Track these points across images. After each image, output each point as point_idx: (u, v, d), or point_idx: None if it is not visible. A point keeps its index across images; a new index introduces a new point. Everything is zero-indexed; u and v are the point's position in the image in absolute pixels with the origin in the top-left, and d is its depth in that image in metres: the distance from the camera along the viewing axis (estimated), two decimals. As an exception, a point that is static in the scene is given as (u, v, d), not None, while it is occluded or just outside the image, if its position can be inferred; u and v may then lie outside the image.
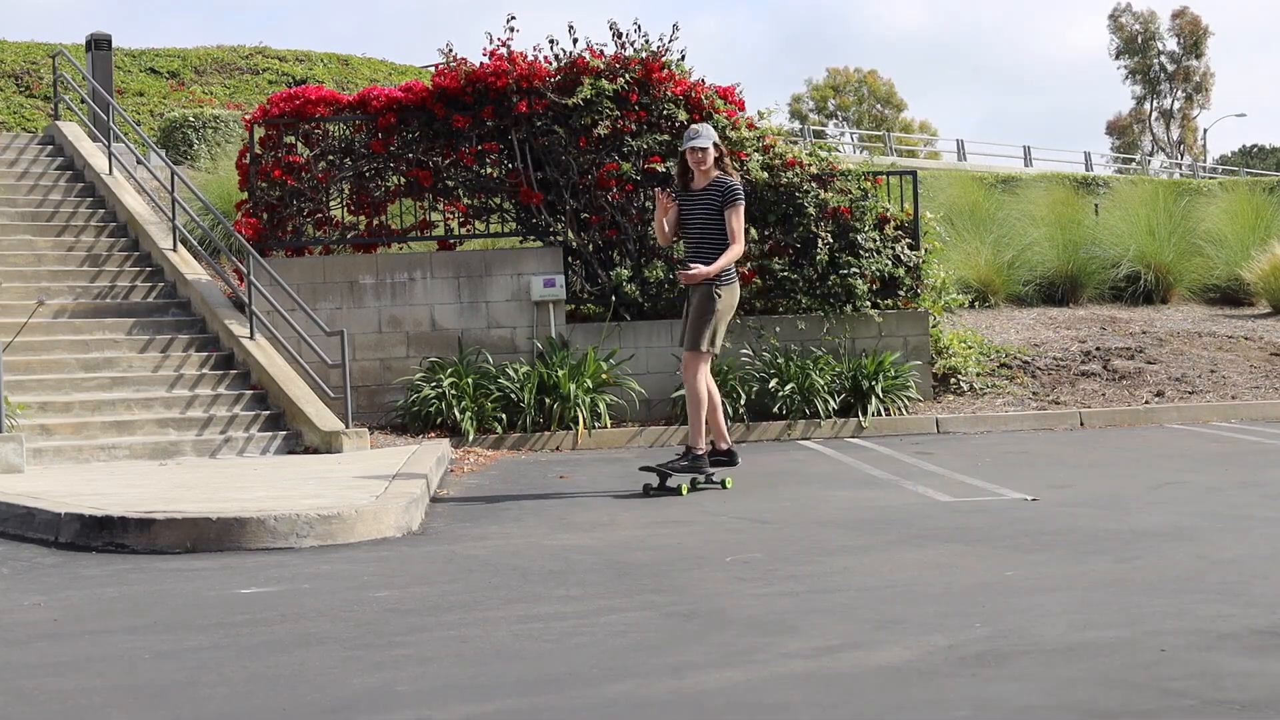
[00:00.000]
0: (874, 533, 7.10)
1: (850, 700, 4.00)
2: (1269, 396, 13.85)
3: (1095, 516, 7.41)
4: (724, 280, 8.82)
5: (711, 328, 8.77)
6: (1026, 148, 52.81)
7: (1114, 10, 79.95)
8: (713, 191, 8.80)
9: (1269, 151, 79.13)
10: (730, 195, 8.74)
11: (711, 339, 8.78)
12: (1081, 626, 4.79)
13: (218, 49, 28.19)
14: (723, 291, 8.80)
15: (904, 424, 12.95)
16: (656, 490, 8.74)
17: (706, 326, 8.76)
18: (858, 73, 77.45)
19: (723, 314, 8.82)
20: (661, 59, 13.69)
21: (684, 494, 8.66)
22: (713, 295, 8.78)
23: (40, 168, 16.32)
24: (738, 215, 8.76)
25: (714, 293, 8.78)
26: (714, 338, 8.80)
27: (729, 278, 8.87)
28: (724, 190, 8.75)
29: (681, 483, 8.80)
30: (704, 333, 8.75)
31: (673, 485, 8.76)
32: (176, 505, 7.63)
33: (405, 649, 4.76)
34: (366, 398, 13.13)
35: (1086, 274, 18.21)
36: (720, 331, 8.84)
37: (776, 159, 13.73)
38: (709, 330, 8.76)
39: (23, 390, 11.44)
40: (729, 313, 8.89)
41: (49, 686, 4.41)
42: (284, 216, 13.70)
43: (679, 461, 8.82)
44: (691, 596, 5.55)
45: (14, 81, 24.67)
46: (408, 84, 14.11)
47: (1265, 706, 3.78)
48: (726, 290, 8.83)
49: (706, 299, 8.78)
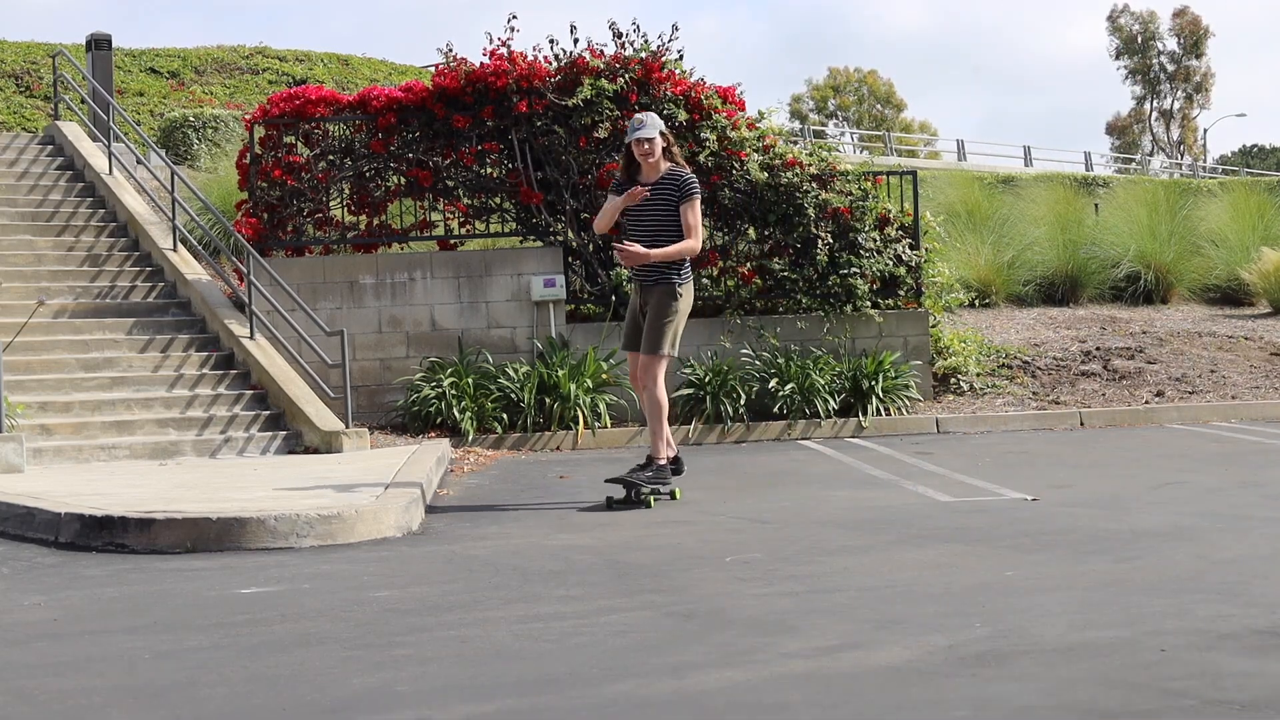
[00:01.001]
0: (874, 533, 7.09)
1: (850, 700, 4.00)
2: (1269, 396, 13.85)
3: (1095, 516, 7.41)
4: (684, 278, 8.31)
5: (673, 329, 8.26)
6: (1026, 148, 52.85)
7: (1111, 11, 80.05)
8: (666, 185, 8.23)
9: (1269, 151, 79.14)
10: (686, 189, 8.18)
11: (673, 341, 8.28)
12: (1081, 626, 4.79)
13: (218, 49, 28.19)
14: (684, 290, 8.30)
15: (904, 424, 12.96)
16: (620, 503, 8.17)
17: (668, 328, 8.23)
18: (858, 73, 77.46)
19: (682, 314, 8.32)
20: (661, 59, 13.70)
21: (651, 505, 8.13)
22: (675, 294, 8.27)
23: (40, 168, 16.33)
24: (694, 209, 8.20)
25: (675, 291, 8.27)
26: (675, 340, 8.30)
27: (687, 275, 8.35)
28: (680, 183, 8.20)
29: (651, 495, 8.23)
30: (665, 335, 8.23)
31: (644, 496, 8.19)
32: (176, 505, 7.63)
33: (405, 649, 4.76)
34: (366, 398, 13.14)
35: (1086, 274, 18.22)
36: (679, 333, 8.35)
37: (776, 159, 13.74)
38: (670, 332, 8.24)
39: (23, 390, 11.44)
40: (686, 314, 8.38)
41: (49, 686, 4.41)
42: (284, 216, 13.71)
43: (643, 472, 8.23)
44: (691, 596, 5.55)
45: (14, 81, 24.67)
46: (408, 84, 14.11)
47: (1265, 706, 3.78)
48: (686, 289, 8.33)
49: (667, 298, 8.25)
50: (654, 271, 8.31)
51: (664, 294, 8.26)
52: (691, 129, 13.68)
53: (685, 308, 8.34)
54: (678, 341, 8.36)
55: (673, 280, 8.28)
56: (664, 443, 8.32)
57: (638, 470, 8.27)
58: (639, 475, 8.21)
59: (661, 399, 8.29)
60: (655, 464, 8.27)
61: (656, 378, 8.27)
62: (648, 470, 8.24)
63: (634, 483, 8.16)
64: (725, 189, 13.66)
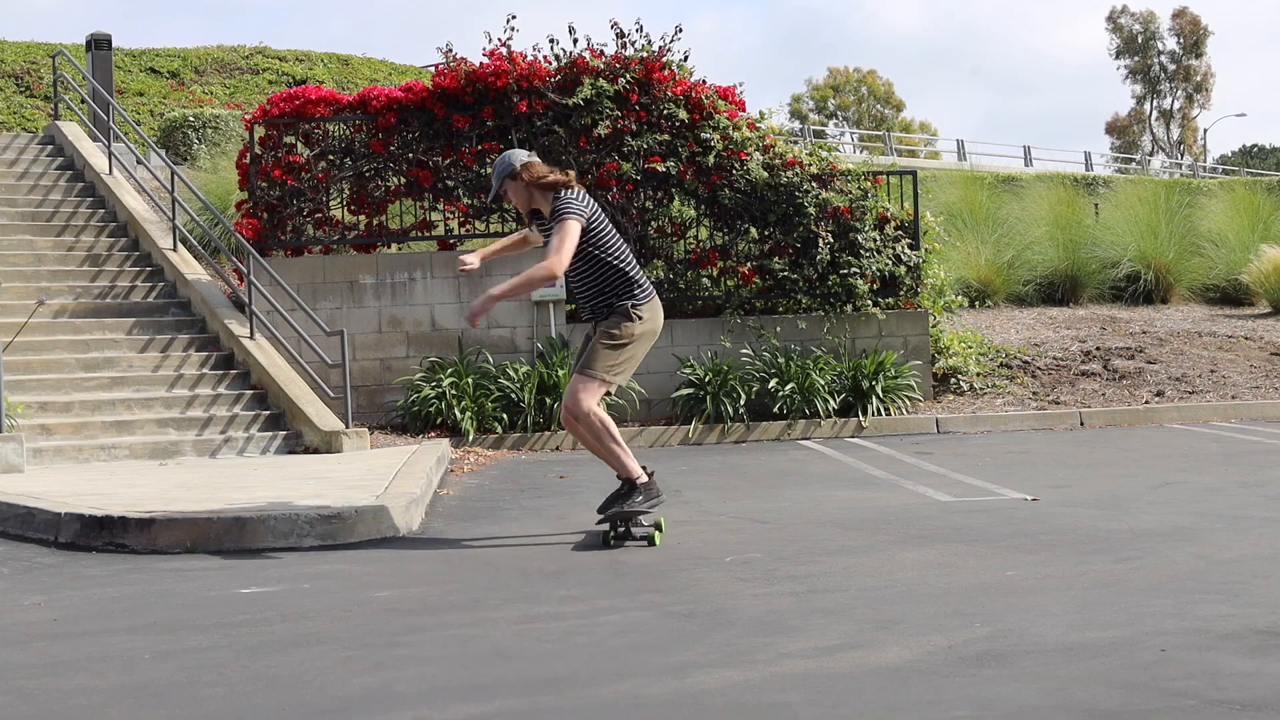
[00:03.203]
0: (874, 533, 7.09)
1: (850, 700, 4.00)
2: (1269, 396, 13.85)
3: (1095, 516, 7.41)
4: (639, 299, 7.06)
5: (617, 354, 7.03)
6: (1026, 147, 52.85)
7: (1112, 11, 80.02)
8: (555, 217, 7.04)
9: (1269, 151, 79.13)
10: (555, 214, 7.00)
11: (613, 367, 7.04)
12: (1081, 626, 4.78)
13: (218, 49, 28.17)
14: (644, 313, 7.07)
15: (904, 424, 12.96)
16: (617, 540, 6.94)
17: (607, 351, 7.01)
18: (857, 73, 77.47)
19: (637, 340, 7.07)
20: (662, 59, 13.70)
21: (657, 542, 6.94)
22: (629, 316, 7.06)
23: (40, 168, 16.33)
24: (562, 229, 6.93)
25: (630, 313, 7.06)
26: (618, 367, 7.06)
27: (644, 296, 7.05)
28: (555, 209, 7.02)
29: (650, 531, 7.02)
30: (600, 357, 7.00)
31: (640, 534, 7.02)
32: (176, 505, 7.63)
33: (405, 649, 4.76)
34: (366, 398, 13.14)
35: (1086, 274, 18.22)
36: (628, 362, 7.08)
37: (777, 159, 13.75)
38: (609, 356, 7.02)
39: (23, 390, 11.44)
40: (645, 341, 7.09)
41: (49, 686, 4.41)
42: (284, 216, 13.71)
43: (632, 499, 6.96)
44: (691, 596, 5.55)
45: (14, 81, 24.66)
46: (408, 84, 14.12)
47: (1265, 706, 3.78)
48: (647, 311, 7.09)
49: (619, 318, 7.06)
50: (596, 302, 7.18)
51: (618, 316, 7.05)
52: (692, 129, 13.68)
53: (642, 333, 7.03)
54: (624, 370, 7.06)
55: (625, 303, 7.04)
56: (631, 459, 7.04)
57: (620, 499, 6.99)
58: (630, 504, 6.96)
59: (596, 417, 6.95)
60: (636, 484, 6.98)
61: (577, 396, 6.95)
62: (636, 495, 6.96)
63: (630, 512, 6.96)
64: (726, 189, 13.66)
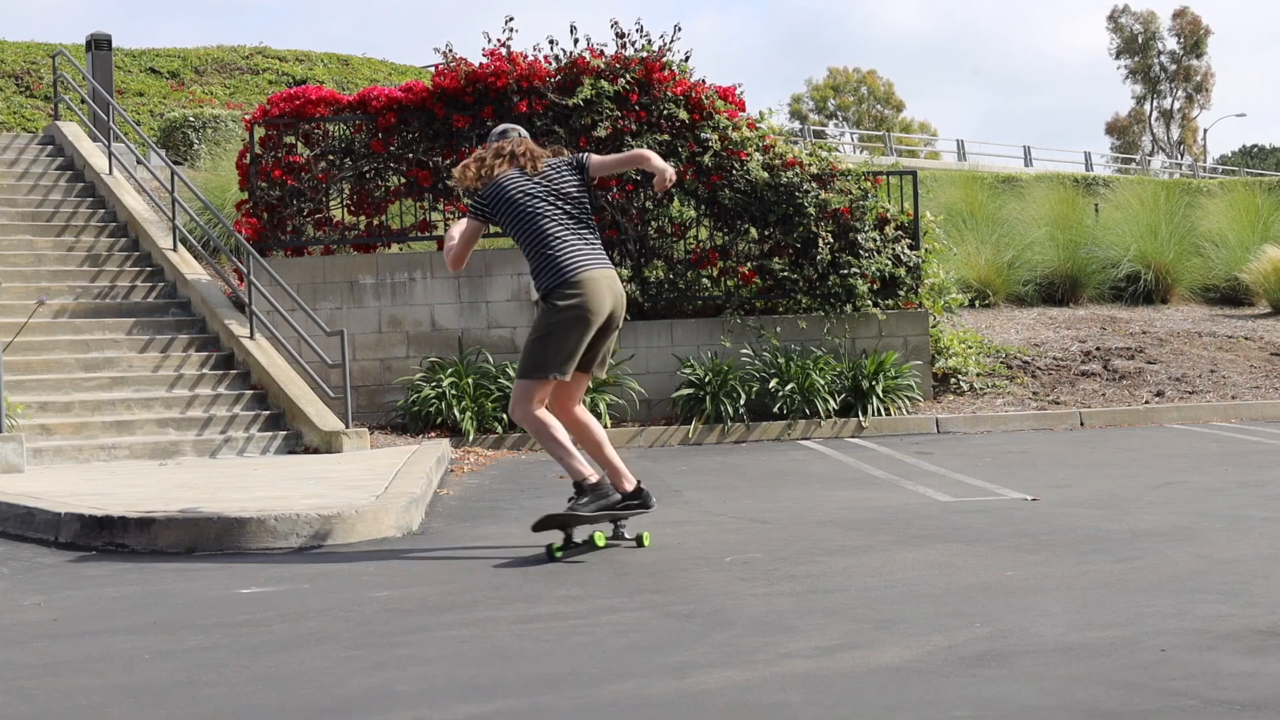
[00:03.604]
0: (874, 533, 7.09)
1: (850, 700, 4.00)
2: (1269, 396, 13.85)
3: (1095, 516, 7.41)
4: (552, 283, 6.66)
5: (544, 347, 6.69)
6: (1026, 148, 52.84)
7: (1112, 11, 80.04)
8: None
9: (1269, 151, 79.12)
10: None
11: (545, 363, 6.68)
12: (1081, 626, 4.78)
13: (218, 49, 28.18)
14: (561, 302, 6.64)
15: (904, 424, 12.96)
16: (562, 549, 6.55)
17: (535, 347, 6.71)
18: (857, 73, 77.46)
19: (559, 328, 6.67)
20: (663, 59, 13.71)
21: (601, 544, 6.68)
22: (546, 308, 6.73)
23: (40, 168, 16.33)
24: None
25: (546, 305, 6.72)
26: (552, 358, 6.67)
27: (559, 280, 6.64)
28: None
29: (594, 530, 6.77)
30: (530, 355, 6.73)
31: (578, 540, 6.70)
32: (176, 505, 7.62)
33: (405, 649, 4.76)
34: (366, 398, 13.14)
35: (1086, 274, 18.22)
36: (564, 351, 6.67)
37: (777, 159, 13.75)
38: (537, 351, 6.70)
39: (23, 390, 11.44)
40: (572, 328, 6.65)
41: (49, 686, 4.41)
42: (284, 216, 13.71)
43: (578, 500, 6.67)
44: (691, 596, 5.55)
45: (14, 81, 24.67)
46: (408, 84, 14.12)
47: (1265, 706, 3.78)
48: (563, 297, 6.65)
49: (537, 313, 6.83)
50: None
51: (540, 305, 6.79)
52: (692, 129, 13.68)
53: (569, 319, 6.59)
54: (557, 363, 6.62)
55: (545, 287, 6.69)
56: (578, 461, 6.74)
57: (575, 509, 6.63)
58: (576, 506, 6.63)
59: (533, 419, 6.70)
60: (584, 486, 6.65)
61: (513, 400, 6.76)
62: (583, 496, 6.63)
63: (568, 516, 6.59)
64: (726, 189, 13.66)
